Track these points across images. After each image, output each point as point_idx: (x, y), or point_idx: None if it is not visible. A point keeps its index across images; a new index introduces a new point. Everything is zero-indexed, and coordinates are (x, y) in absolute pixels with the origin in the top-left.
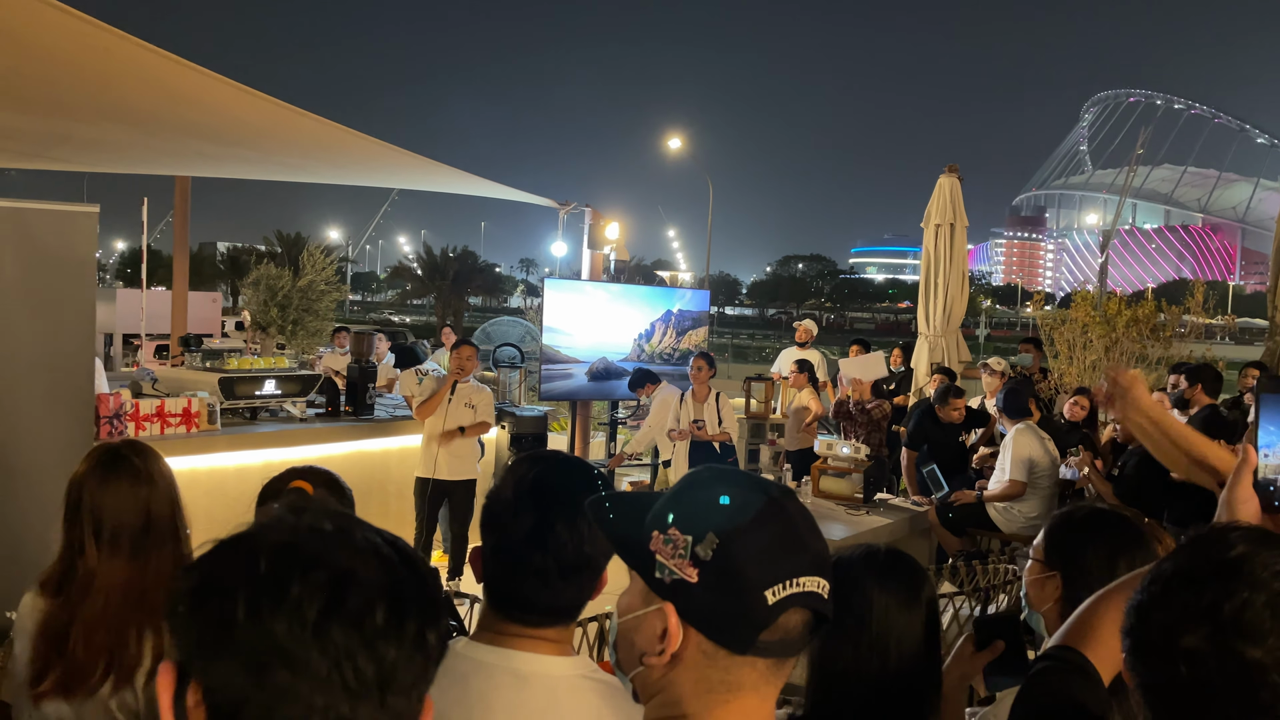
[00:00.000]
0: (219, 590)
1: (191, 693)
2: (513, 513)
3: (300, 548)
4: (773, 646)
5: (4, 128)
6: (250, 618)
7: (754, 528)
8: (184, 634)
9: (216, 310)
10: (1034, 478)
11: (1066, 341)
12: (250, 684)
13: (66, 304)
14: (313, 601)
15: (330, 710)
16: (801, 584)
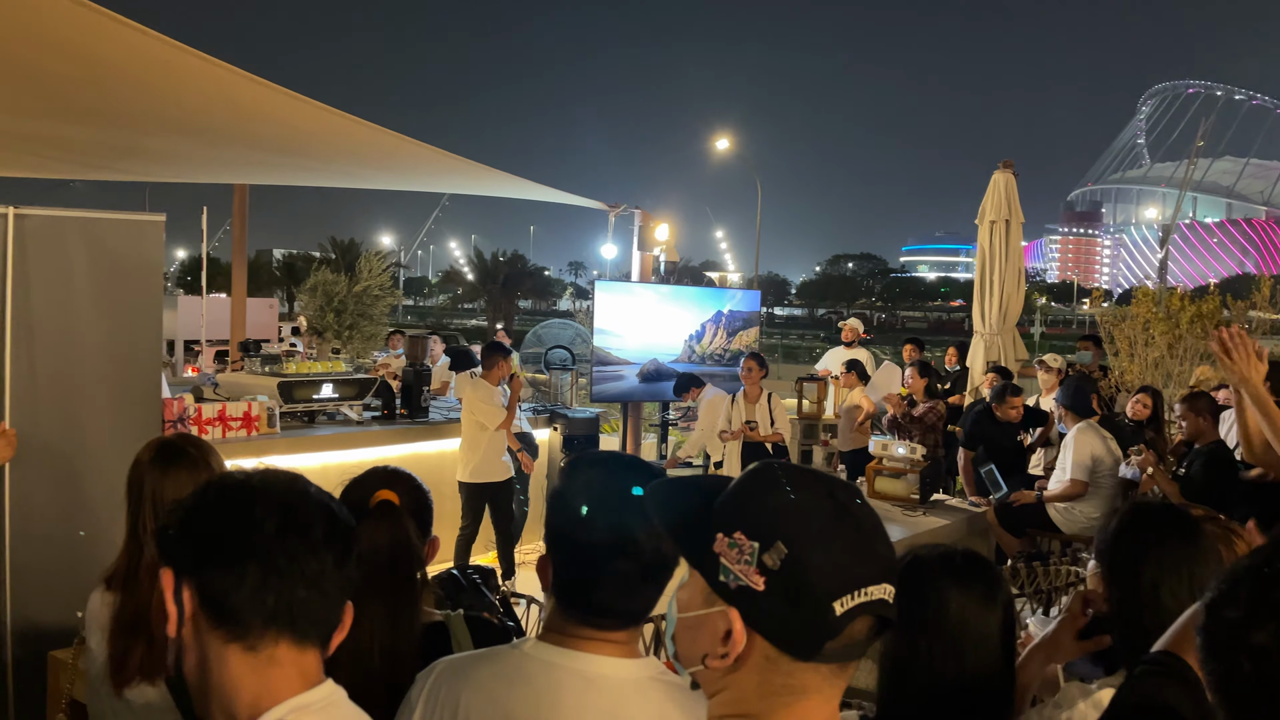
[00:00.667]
0: (205, 517)
1: (186, 589)
2: (591, 520)
3: (257, 488)
4: (838, 653)
5: (69, 139)
6: (231, 535)
7: (823, 537)
8: (178, 550)
9: (274, 316)
10: (1096, 477)
11: (1127, 338)
12: (233, 581)
13: (134, 311)
14: (272, 519)
15: (288, 594)
16: (870, 593)
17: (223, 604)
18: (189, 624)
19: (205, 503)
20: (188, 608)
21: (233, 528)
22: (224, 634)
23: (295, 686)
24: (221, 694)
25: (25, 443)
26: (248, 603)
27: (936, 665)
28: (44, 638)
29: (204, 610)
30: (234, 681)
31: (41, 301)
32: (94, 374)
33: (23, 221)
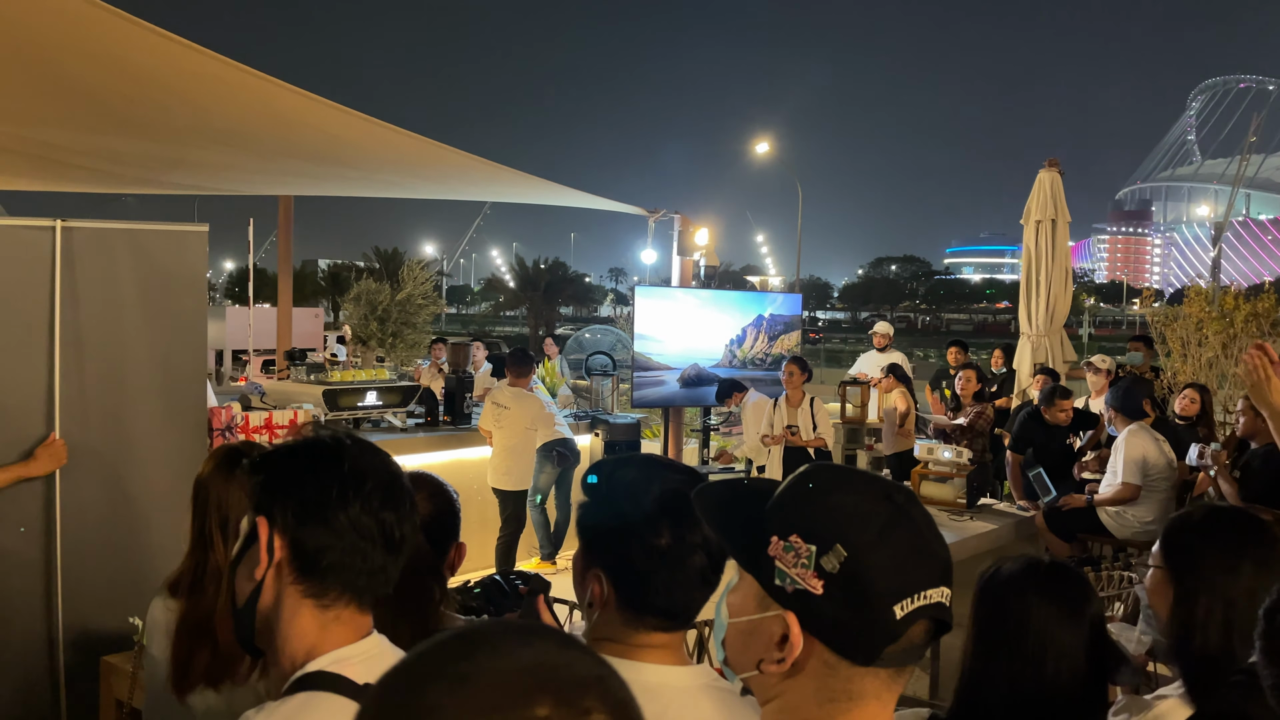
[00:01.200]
0: (311, 478)
1: (279, 540)
2: (650, 525)
3: (358, 457)
4: (896, 657)
5: (121, 153)
6: (338, 500)
7: (882, 539)
8: (280, 505)
9: (319, 325)
10: (1149, 480)
11: (1179, 339)
12: (329, 543)
13: (180, 320)
14: (376, 494)
15: (373, 561)
16: (929, 596)
17: (316, 563)
18: (273, 573)
19: (314, 461)
20: (278, 556)
21: (341, 493)
22: (303, 588)
23: (348, 639)
24: (286, 638)
25: (75, 452)
26: (336, 565)
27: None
28: (96, 643)
29: (292, 563)
30: (300, 630)
31: (89, 313)
32: (141, 383)
33: (70, 234)
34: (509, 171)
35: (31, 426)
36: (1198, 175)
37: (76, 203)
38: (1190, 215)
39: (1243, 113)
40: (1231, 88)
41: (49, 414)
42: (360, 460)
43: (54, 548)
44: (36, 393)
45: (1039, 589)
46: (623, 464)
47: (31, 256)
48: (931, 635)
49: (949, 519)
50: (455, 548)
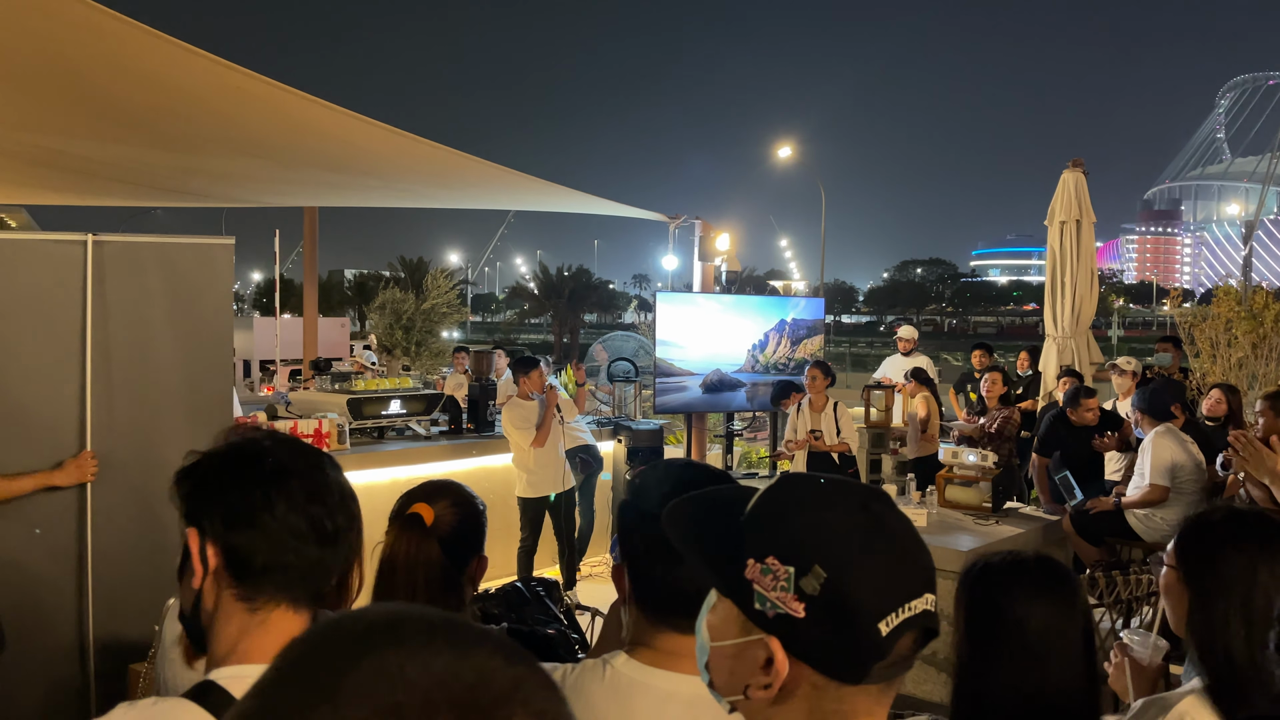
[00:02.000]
0: (232, 483)
1: (211, 549)
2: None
3: (278, 456)
4: (886, 672)
5: (150, 166)
6: (262, 501)
7: (862, 555)
8: (206, 513)
9: (345, 335)
10: (1177, 483)
11: (1209, 339)
12: (260, 544)
13: (207, 332)
14: (301, 490)
15: (306, 555)
16: (914, 607)
17: (249, 566)
18: (210, 579)
19: (234, 467)
20: (211, 564)
21: (264, 494)
22: (238, 592)
23: (269, 646)
24: (215, 641)
25: (105, 464)
26: (269, 566)
27: (1013, 676)
28: (125, 651)
29: (227, 569)
30: (227, 634)
31: (119, 326)
32: (169, 395)
33: (100, 248)
34: (532, 180)
35: (64, 439)
36: (1228, 173)
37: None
38: (1220, 214)
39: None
40: (1261, 84)
41: (81, 427)
42: (281, 458)
43: (85, 557)
44: (69, 406)
45: (1027, 584)
46: (653, 464)
47: (64, 271)
48: (920, 644)
49: (974, 523)
50: (477, 560)
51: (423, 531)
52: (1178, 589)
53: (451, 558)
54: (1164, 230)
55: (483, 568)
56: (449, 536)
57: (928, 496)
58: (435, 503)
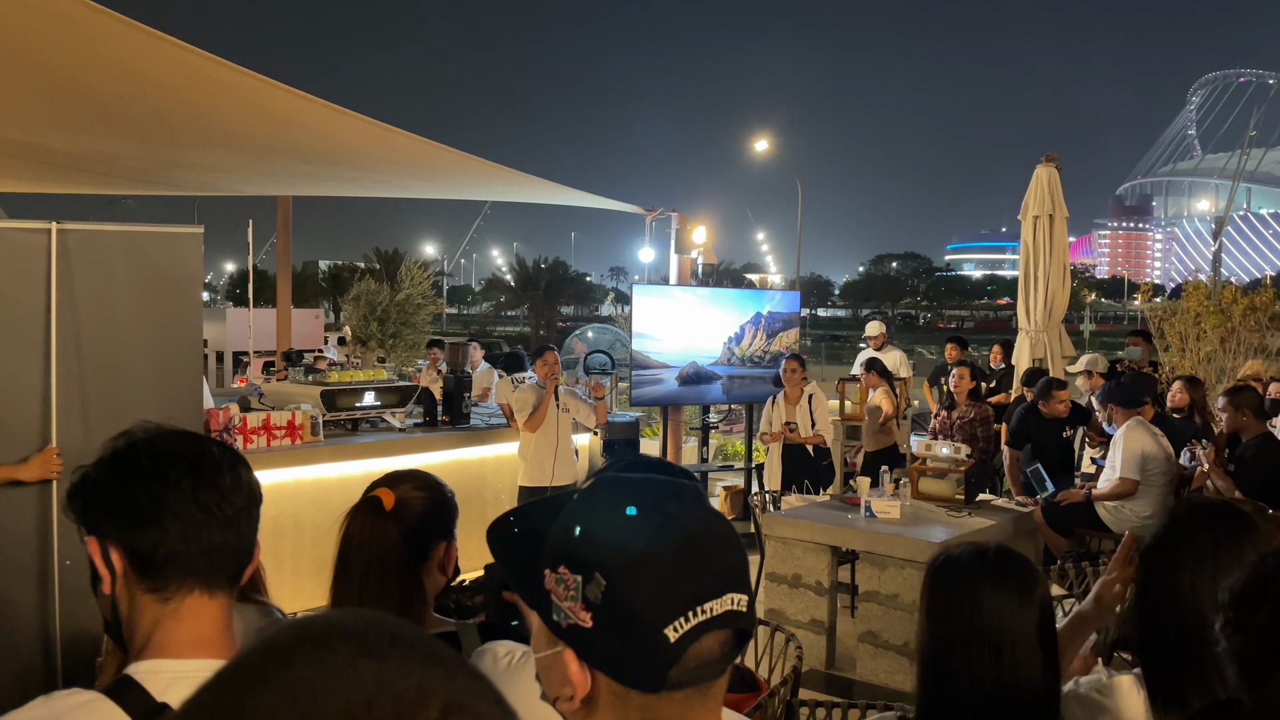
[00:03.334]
0: (119, 485)
1: (114, 552)
2: None
3: (160, 449)
4: (688, 676)
5: (118, 155)
6: (148, 497)
7: (643, 559)
8: (99, 520)
9: (319, 326)
10: (1146, 475)
11: (1178, 333)
12: (157, 538)
13: (176, 322)
14: (185, 477)
15: (207, 540)
16: (709, 609)
17: (150, 560)
18: (120, 581)
19: (116, 470)
20: (118, 568)
21: (148, 490)
22: (146, 585)
23: (185, 635)
24: (133, 636)
25: (71, 457)
26: (171, 556)
27: (974, 667)
28: (91, 646)
29: (132, 569)
30: (141, 626)
31: (86, 316)
32: (137, 386)
33: (65, 236)
34: (508, 171)
35: (29, 431)
36: (1198, 170)
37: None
38: (1191, 210)
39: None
40: (1232, 82)
41: (45, 419)
42: (159, 450)
43: (50, 551)
44: (33, 397)
45: (987, 575)
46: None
47: (27, 259)
48: (734, 645)
49: (947, 515)
50: (445, 546)
51: (380, 515)
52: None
53: (413, 541)
54: (1135, 226)
55: (452, 554)
56: (410, 519)
57: (901, 489)
58: (397, 487)
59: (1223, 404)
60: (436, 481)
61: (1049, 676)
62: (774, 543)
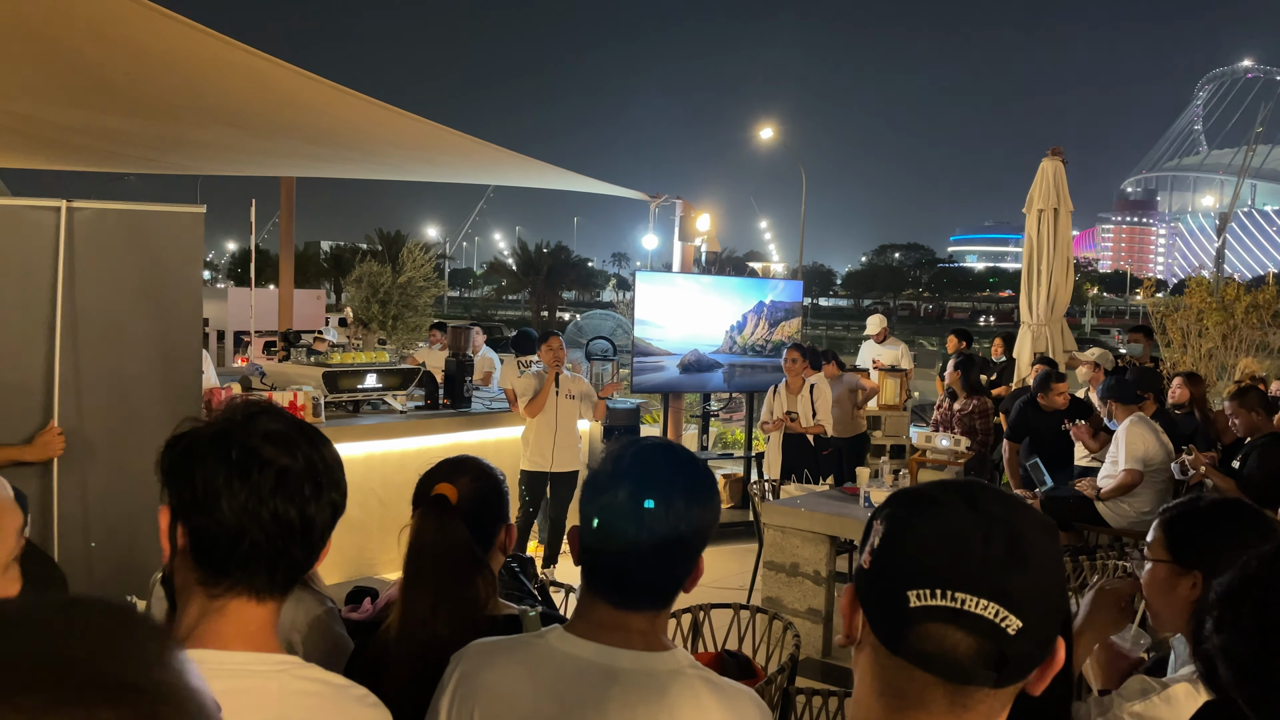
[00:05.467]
0: (206, 468)
1: (179, 529)
2: (609, 489)
3: (255, 448)
4: (928, 658)
5: (123, 132)
6: (225, 489)
7: (925, 524)
8: (178, 493)
9: (320, 307)
10: (1148, 470)
11: (1180, 329)
12: (225, 535)
13: (177, 299)
14: (267, 480)
15: (268, 547)
16: (959, 600)
17: (211, 552)
18: (178, 558)
19: (202, 448)
20: (180, 544)
21: (225, 482)
22: (198, 575)
23: (226, 633)
24: (178, 619)
25: (73, 436)
26: (229, 554)
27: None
28: None
29: (192, 553)
30: (189, 616)
31: (89, 294)
32: (139, 365)
33: (73, 215)
34: (512, 155)
35: (31, 410)
36: (1204, 165)
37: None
38: (1195, 205)
39: (1250, 103)
40: (1239, 77)
41: (48, 398)
42: (253, 442)
43: (51, 530)
44: (36, 376)
45: None
46: (631, 441)
47: (37, 237)
48: (988, 659)
49: None
50: (505, 529)
51: (448, 513)
52: (1170, 582)
53: (478, 532)
54: (1139, 220)
55: (512, 536)
56: (473, 512)
57: (900, 480)
58: (457, 479)
59: (1231, 408)
60: (489, 468)
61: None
62: (772, 531)
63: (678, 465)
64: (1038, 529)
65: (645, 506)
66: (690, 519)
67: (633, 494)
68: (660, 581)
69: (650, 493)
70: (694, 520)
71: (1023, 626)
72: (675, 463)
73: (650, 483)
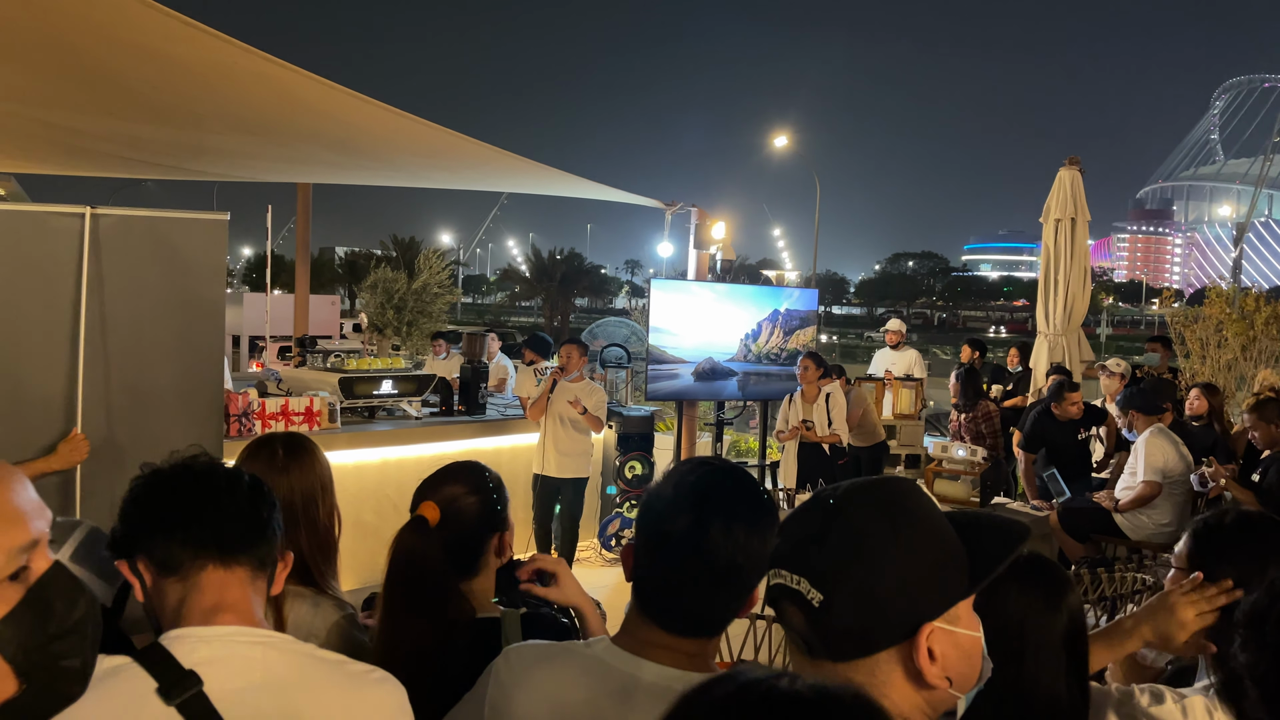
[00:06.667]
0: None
1: (141, 563)
2: (670, 512)
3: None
4: (786, 630)
5: (143, 139)
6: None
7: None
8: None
9: (335, 313)
10: (1167, 483)
11: (1199, 340)
12: (174, 540)
13: (199, 306)
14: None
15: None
16: (782, 575)
17: (166, 558)
18: (150, 584)
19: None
20: (146, 577)
21: (168, 503)
22: (164, 574)
23: (206, 614)
24: (163, 617)
25: (95, 441)
26: (181, 545)
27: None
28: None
29: (154, 567)
30: (169, 605)
31: (114, 301)
32: (161, 370)
33: (97, 221)
34: (526, 162)
35: (55, 417)
36: (1220, 175)
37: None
38: (1212, 215)
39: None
40: (1256, 87)
41: (71, 405)
42: (182, 473)
43: None
44: (60, 382)
45: (1017, 579)
46: (690, 464)
47: (61, 243)
48: (810, 629)
49: None
50: (497, 537)
51: (423, 533)
52: None
53: (466, 546)
54: (1155, 230)
55: (507, 540)
56: (461, 527)
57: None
58: (443, 492)
59: (1251, 421)
60: (482, 477)
61: (1074, 687)
62: None
63: (740, 492)
64: (871, 515)
65: (705, 535)
66: (750, 549)
67: (693, 521)
68: (714, 613)
69: (711, 521)
70: (753, 551)
71: (824, 600)
72: (738, 489)
73: (711, 510)
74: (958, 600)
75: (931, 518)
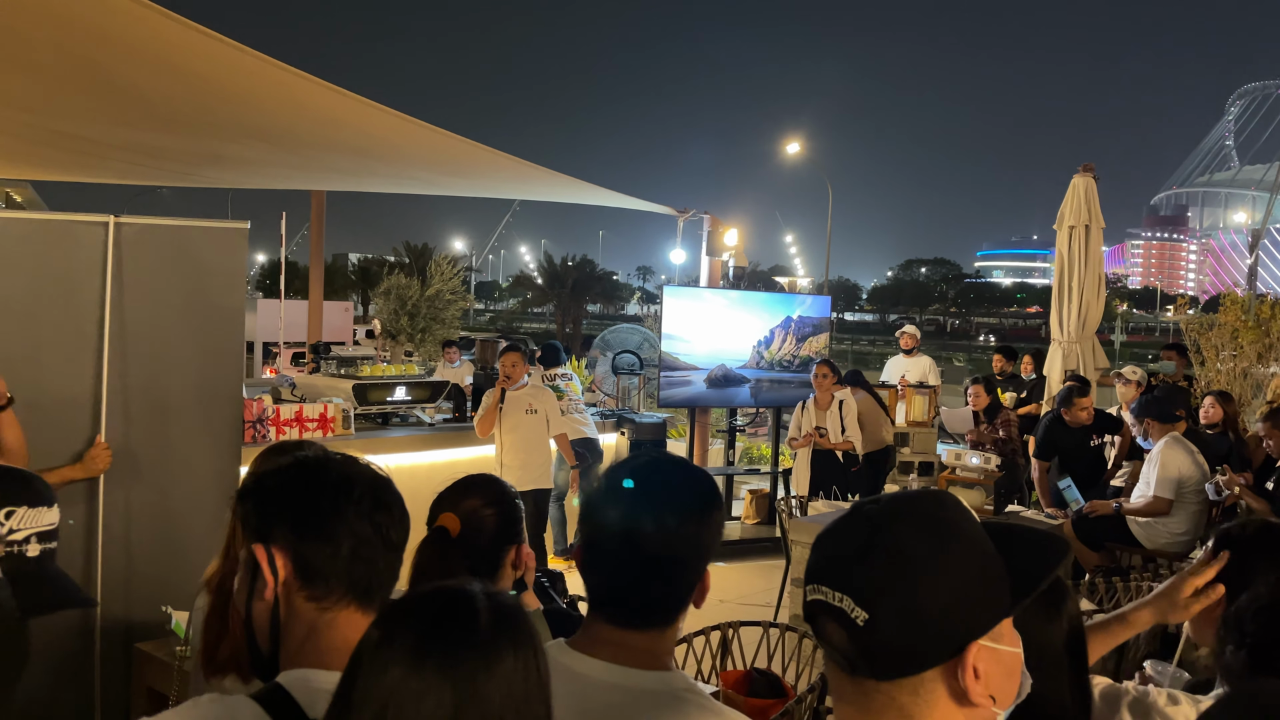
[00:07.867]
0: (300, 493)
1: (279, 558)
2: (603, 505)
3: (344, 467)
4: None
5: (161, 147)
6: (329, 510)
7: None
8: (273, 525)
9: (349, 319)
10: (1182, 493)
11: (1214, 347)
12: (329, 552)
13: (219, 314)
14: (366, 500)
15: (373, 563)
16: (822, 592)
17: (320, 572)
18: (282, 586)
19: (303, 479)
20: (282, 574)
21: (334, 503)
22: (307, 594)
23: (337, 644)
24: (285, 641)
25: (118, 450)
26: (339, 572)
27: None
28: (130, 632)
29: (296, 576)
30: (298, 633)
31: (136, 310)
32: (182, 380)
33: (120, 230)
34: (539, 169)
35: (79, 425)
36: (1235, 181)
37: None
38: (1227, 221)
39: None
40: (1271, 93)
41: (95, 413)
42: (346, 469)
43: (95, 541)
44: (84, 391)
45: None
46: (629, 457)
47: (84, 252)
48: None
49: None
50: (514, 549)
51: (446, 545)
52: (1212, 605)
53: (485, 558)
54: (1169, 236)
55: (523, 553)
56: (480, 539)
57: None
58: (463, 505)
59: (1265, 430)
60: (500, 490)
61: (1077, 694)
62: (801, 548)
63: (671, 482)
64: (915, 531)
65: (634, 526)
66: (685, 536)
67: (622, 513)
68: (657, 602)
69: (641, 511)
70: (689, 538)
71: (869, 618)
72: (669, 479)
73: (640, 502)
74: (1003, 618)
75: (974, 532)
